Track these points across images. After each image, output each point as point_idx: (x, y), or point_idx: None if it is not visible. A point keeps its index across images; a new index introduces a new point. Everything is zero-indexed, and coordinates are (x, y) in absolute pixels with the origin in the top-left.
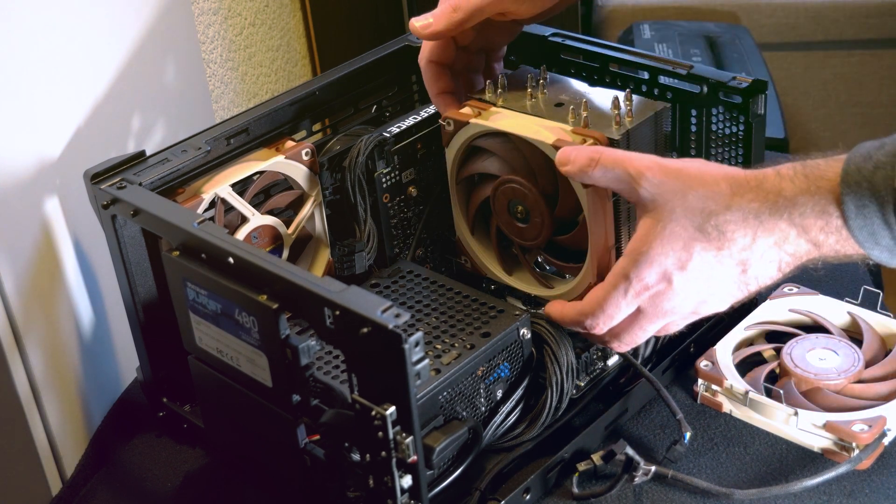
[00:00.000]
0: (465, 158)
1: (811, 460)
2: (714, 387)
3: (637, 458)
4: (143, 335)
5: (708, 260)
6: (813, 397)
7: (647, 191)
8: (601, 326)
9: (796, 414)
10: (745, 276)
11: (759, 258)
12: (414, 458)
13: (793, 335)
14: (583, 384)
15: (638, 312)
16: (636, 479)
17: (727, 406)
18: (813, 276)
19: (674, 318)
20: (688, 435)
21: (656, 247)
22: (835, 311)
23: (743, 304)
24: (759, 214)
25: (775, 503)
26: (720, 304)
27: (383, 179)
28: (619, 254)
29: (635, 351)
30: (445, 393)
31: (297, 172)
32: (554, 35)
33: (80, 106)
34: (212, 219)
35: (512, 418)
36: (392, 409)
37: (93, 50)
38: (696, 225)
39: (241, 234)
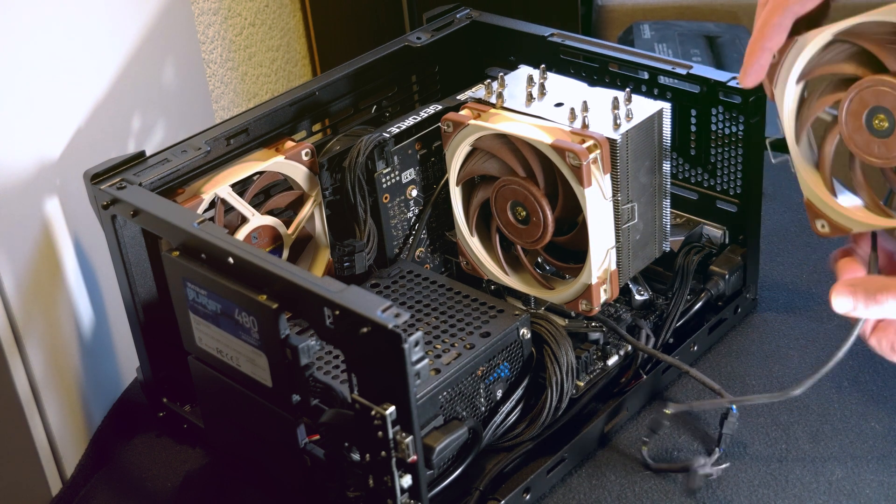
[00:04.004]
0: (465, 160)
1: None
2: None
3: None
4: (143, 335)
5: None
6: None
7: None
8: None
9: None
10: None
11: None
12: (414, 457)
13: None
14: (583, 384)
15: None
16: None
17: None
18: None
19: None
20: (734, 408)
21: None
22: None
23: None
24: None
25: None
26: None
27: (383, 179)
28: (618, 255)
29: (635, 351)
30: (445, 393)
31: (297, 173)
32: (553, 35)
33: (80, 106)
34: (212, 219)
35: (512, 418)
36: (392, 408)
37: (93, 50)
38: None
39: (241, 234)
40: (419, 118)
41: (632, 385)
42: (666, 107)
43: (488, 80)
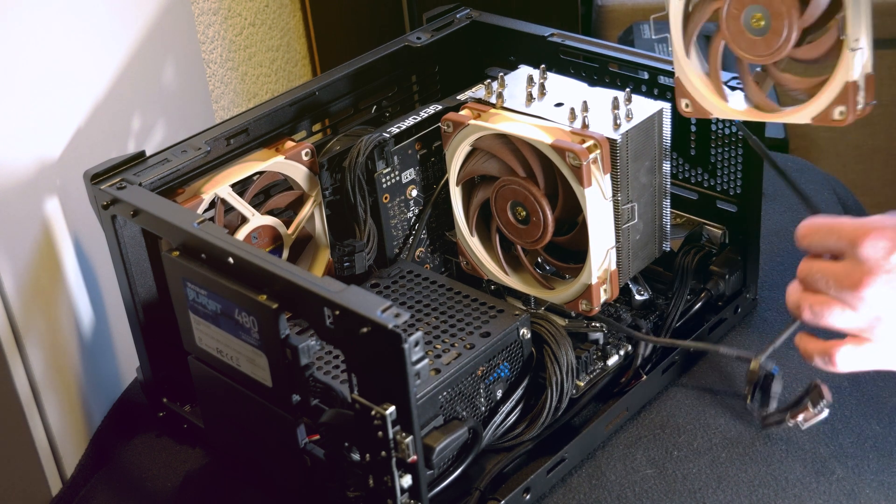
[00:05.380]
0: (465, 160)
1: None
2: None
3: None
4: (143, 335)
5: None
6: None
7: None
8: (803, 243)
9: None
10: None
11: None
12: (414, 457)
13: None
14: (583, 384)
15: (843, 262)
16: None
17: None
18: None
19: (852, 300)
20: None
21: None
22: None
23: None
24: None
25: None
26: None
27: (383, 179)
28: (618, 255)
29: (634, 351)
30: (445, 393)
31: (297, 173)
32: (553, 35)
33: (80, 106)
34: (212, 219)
35: (512, 418)
36: (392, 408)
37: (93, 50)
38: None
39: (241, 234)
40: (419, 118)
41: (632, 385)
42: (666, 107)
43: (488, 80)
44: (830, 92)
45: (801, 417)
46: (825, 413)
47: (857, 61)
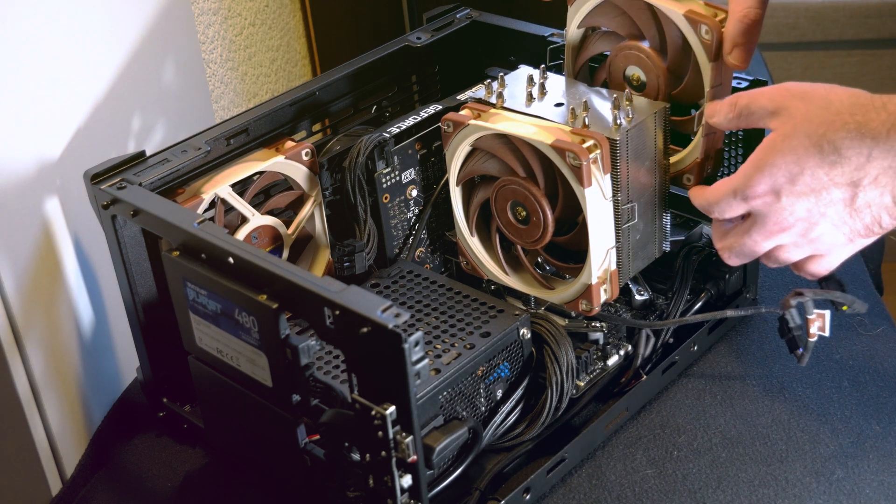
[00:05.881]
0: (465, 160)
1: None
2: None
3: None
4: (143, 335)
5: (819, 177)
6: None
7: (773, 104)
8: (716, 217)
9: None
10: (856, 202)
11: (871, 181)
12: (414, 457)
13: None
14: (583, 384)
15: (750, 222)
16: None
17: None
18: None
19: (784, 239)
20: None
21: (771, 158)
22: None
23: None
24: (877, 135)
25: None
26: (832, 233)
27: (383, 179)
28: (618, 255)
29: (635, 350)
30: (445, 393)
31: (297, 173)
32: (554, 35)
33: (80, 106)
34: (212, 219)
35: (512, 418)
36: (392, 408)
37: (93, 50)
38: (814, 142)
39: (241, 234)
40: (419, 118)
41: (632, 385)
42: (666, 107)
43: (488, 80)
44: (683, 162)
45: (814, 329)
46: (821, 311)
47: (708, 145)
